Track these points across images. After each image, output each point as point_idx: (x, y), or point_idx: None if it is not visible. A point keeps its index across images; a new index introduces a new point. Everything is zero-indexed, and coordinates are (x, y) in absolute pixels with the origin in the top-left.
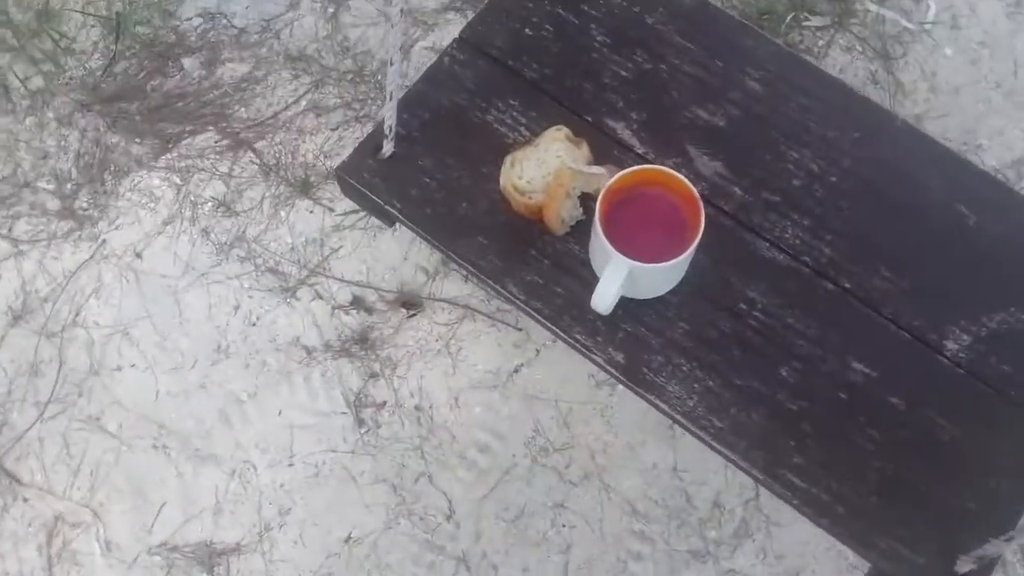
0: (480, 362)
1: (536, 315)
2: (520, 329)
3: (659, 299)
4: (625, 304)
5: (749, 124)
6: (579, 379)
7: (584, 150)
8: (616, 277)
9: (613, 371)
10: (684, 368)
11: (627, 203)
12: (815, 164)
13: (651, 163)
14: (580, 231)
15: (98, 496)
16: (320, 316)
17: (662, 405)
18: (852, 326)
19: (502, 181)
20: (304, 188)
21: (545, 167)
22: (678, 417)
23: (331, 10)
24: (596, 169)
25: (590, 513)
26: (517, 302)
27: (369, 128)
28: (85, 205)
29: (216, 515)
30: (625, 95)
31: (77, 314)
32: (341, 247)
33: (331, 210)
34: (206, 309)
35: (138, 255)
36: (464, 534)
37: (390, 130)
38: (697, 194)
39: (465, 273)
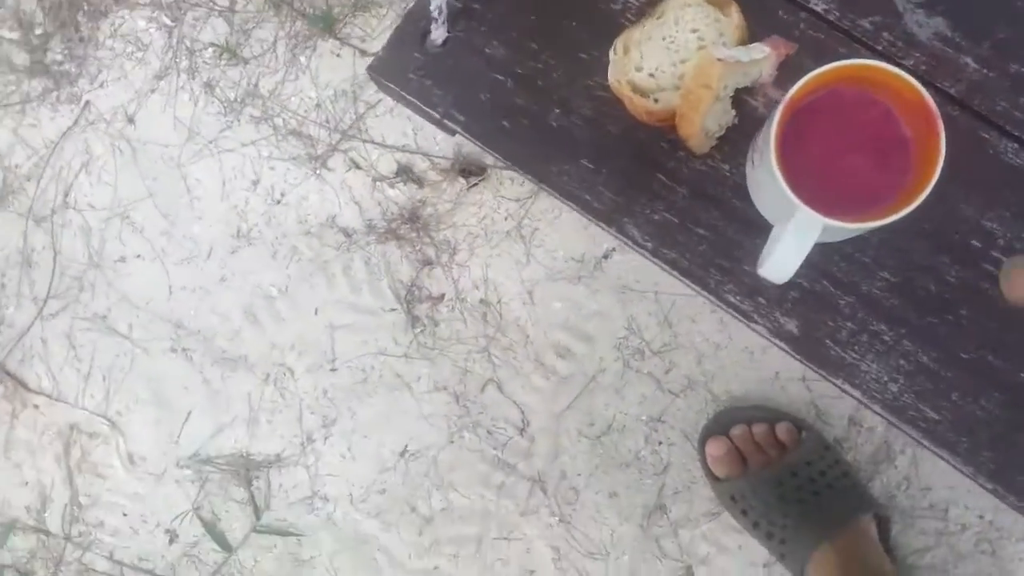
0: (560, 247)
1: (669, 268)
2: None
3: (851, 239)
4: None
5: None
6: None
7: (735, 16)
8: (802, 239)
9: (783, 344)
10: (886, 338)
11: (812, 114)
12: None
13: (835, 24)
14: (732, 142)
15: (114, 405)
16: (359, 190)
17: (853, 391)
18: None
19: (612, 75)
20: (327, 24)
21: (677, 51)
22: (876, 407)
23: None
24: (757, 51)
25: (694, 430)
26: (642, 250)
27: None
28: (59, 58)
29: (251, 425)
30: None
31: (66, 194)
32: (379, 101)
33: (363, 52)
34: (219, 185)
35: (130, 120)
36: (540, 451)
37: (440, 9)
38: (931, 103)
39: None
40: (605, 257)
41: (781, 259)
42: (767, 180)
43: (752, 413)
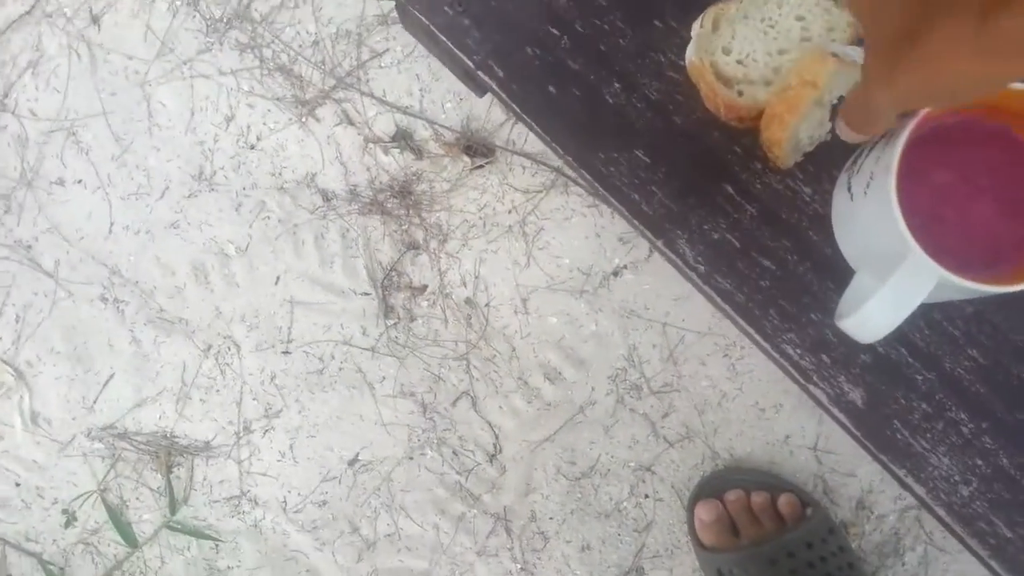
0: (567, 254)
1: (721, 300)
2: None
3: (941, 304)
4: None
5: None
6: (702, 299)
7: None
8: (909, 291)
9: (842, 416)
10: (964, 429)
11: (936, 144)
12: None
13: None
14: (818, 162)
15: (24, 352)
16: (347, 149)
17: (916, 487)
18: None
19: (692, 53)
20: None
21: (775, 39)
22: (940, 511)
23: None
24: None
25: (685, 487)
26: (691, 273)
27: None
28: None
29: (181, 402)
30: None
31: (5, 94)
32: (387, 50)
33: None
34: (186, 115)
35: (95, 20)
36: (509, 485)
37: None
38: None
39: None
40: (615, 274)
41: (876, 312)
42: (870, 215)
43: (753, 478)
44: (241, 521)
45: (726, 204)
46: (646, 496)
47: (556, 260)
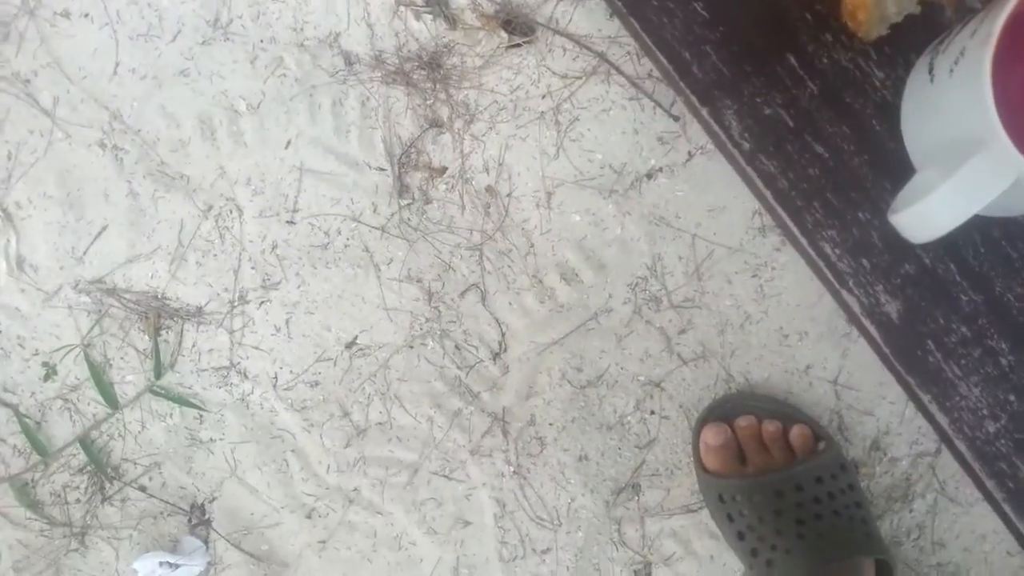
0: (600, 149)
1: (762, 184)
2: (676, 117)
3: (999, 220)
4: None
5: None
6: (738, 213)
7: None
8: (982, 183)
9: (873, 329)
10: (1003, 361)
11: None
12: None
13: None
14: (897, 43)
15: (15, 193)
16: (376, 10)
17: (940, 417)
18: None
19: None
20: None
21: None
22: (961, 445)
23: None
24: None
25: (694, 407)
26: (735, 149)
27: None
28: None
29: (176, 262)
30: None
31: None
32: None
33: None
34: None
35: None
36: (511, 386)
37: None
38: None
39: (653, 70)
40: (649, 176)
41: (939, 205)
42: (952, 98)
43: (767, 405)
44: (228, 393)
45: (786, 76)
46: (652, 412)
47: (587, 154)
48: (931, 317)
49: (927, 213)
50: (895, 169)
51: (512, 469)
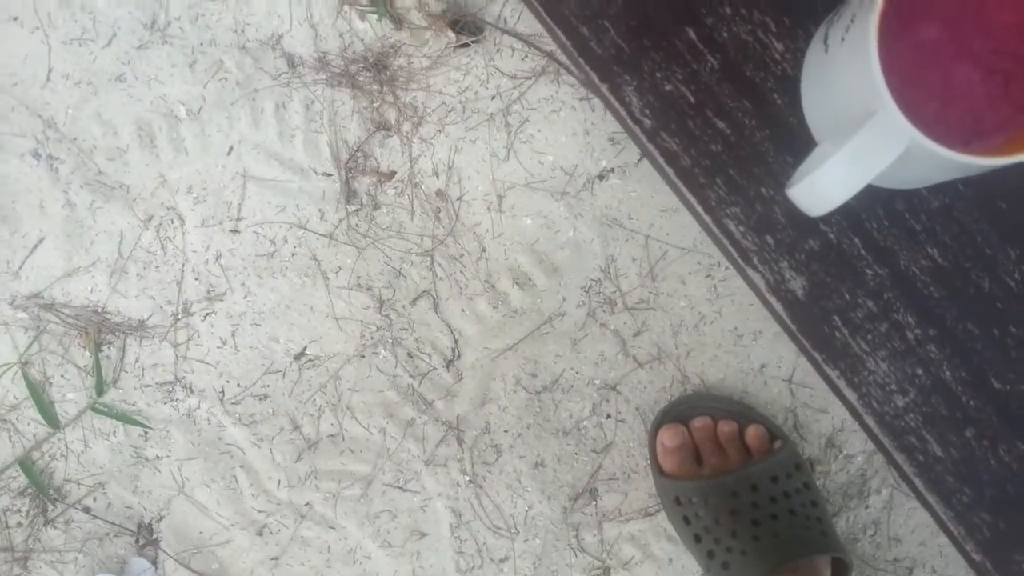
0: (551, 151)
1: (664, 162)
2: None
3: (903, 192)
4: None
5: None
6: (691, 213)
7: None
8: (872, 153)
9: (779, 306)
10: (910, 335)
11: None
12: None
13: None
14: (796, 11)
15: None
16: (320, 10)
17: (848, 392)
18: None
19: None
20: None
21: None
22: (870, 420)
23: None
24: None
25: (650, 410)
26: (636, 126)
27: None
28: None
29: (116, 275)
30: None
31: None
32: None
33: None
34: None
35: None
36: (465, 393)
37: None
38: None
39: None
40: (600, 177)
41: (833, 175)
42: (844, 66)
43: (722, 406)
44: (174, 409)
45: (686, 51)
46: (608, 416)
47: (538, 156)
48: (837, 292)
49: (820, 185)
50: (797, 144)
51: (468, 478)
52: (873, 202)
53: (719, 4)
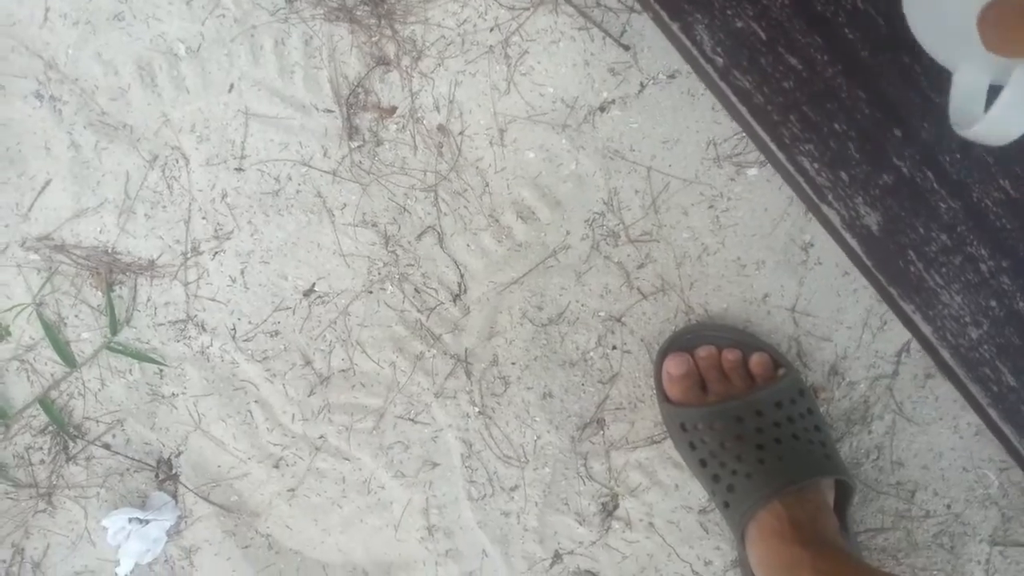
0: (551, 82)
1: (737, 100)
2: (627, 47)
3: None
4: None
5: None
6: (692, 144)
7: None
8: None
9: (854, 241)
10: (983, 267)
11: None
12: None
13: None
14: None
15: None
16: None
17: (923, 326)
18: None
19: None
20: None
21: None
22: (945, 353)
23: None
24: None
25: (655, 340)
26: (708, 65)
27: None
28: None
29: (124, 215)
30: None
31: None
32: None
33: None
34: None
35: None
36: (472, 326)
37: None
38: None
39: None
40: (602, 109)
41: (1009, 110)
42: None
43: (726, 335)
44: (187, 347)
45: None
46: (614, 347)
47: (539, 88)
48: (911, 227)
49: (1001, 120)
50: (870, 77)
51: (477, 410)
52: (947, 135)
53: None
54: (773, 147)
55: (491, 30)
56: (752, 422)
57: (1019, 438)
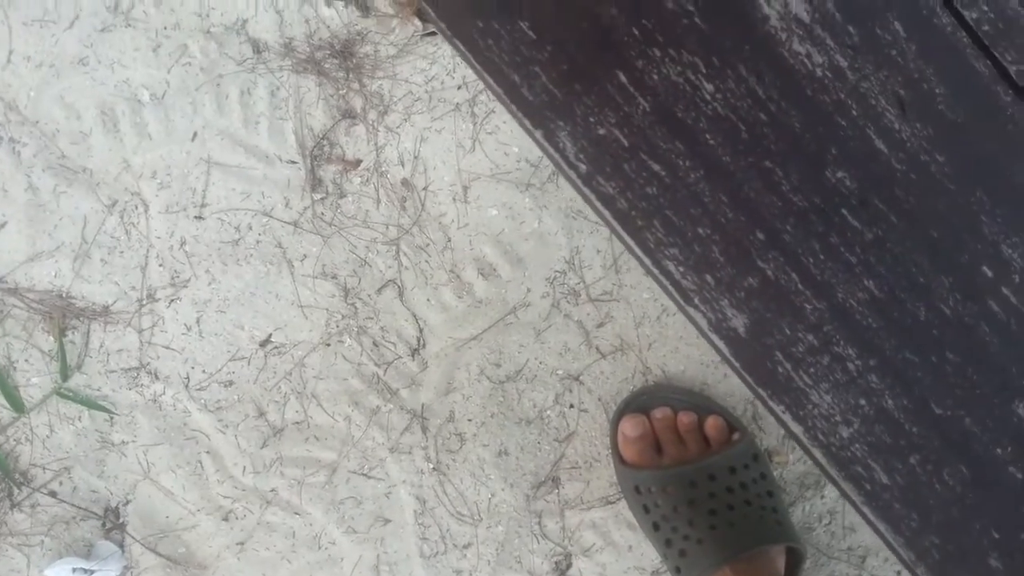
0: (515, 141)
1: (602, 206)
2: None
3: (837, 226)
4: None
5: None
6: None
7: None
8: None
9: (721, 344)
10: (851, 366)
11: None
12: None
13: None
14: (725, 53)
15: None
16: None
17: (794, 426)
18: None
19: None
20: None
21: None
22: (817, 453)
23: None
24: None
25: (612, 400)
26: (572, 172)
27: None
28: None
29: (79, 260)
30: None
31: None
32: None
33: None
34: None
35: None
36: (430, 382)
37: None
38: None
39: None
40: None
41: None
42: None
43: (683, 397)
44: (139, 394)
45: (617, 95)
46: (571, 406)
47: (504, 147)
48: (777, 328)
49: None
50: (731, 183)
51: (432, 466)
52: (808, 236)
53: (648, 46)
54: (638, 251)
55: (458, 88)
56: (705, 487)
57: (894, 535)
